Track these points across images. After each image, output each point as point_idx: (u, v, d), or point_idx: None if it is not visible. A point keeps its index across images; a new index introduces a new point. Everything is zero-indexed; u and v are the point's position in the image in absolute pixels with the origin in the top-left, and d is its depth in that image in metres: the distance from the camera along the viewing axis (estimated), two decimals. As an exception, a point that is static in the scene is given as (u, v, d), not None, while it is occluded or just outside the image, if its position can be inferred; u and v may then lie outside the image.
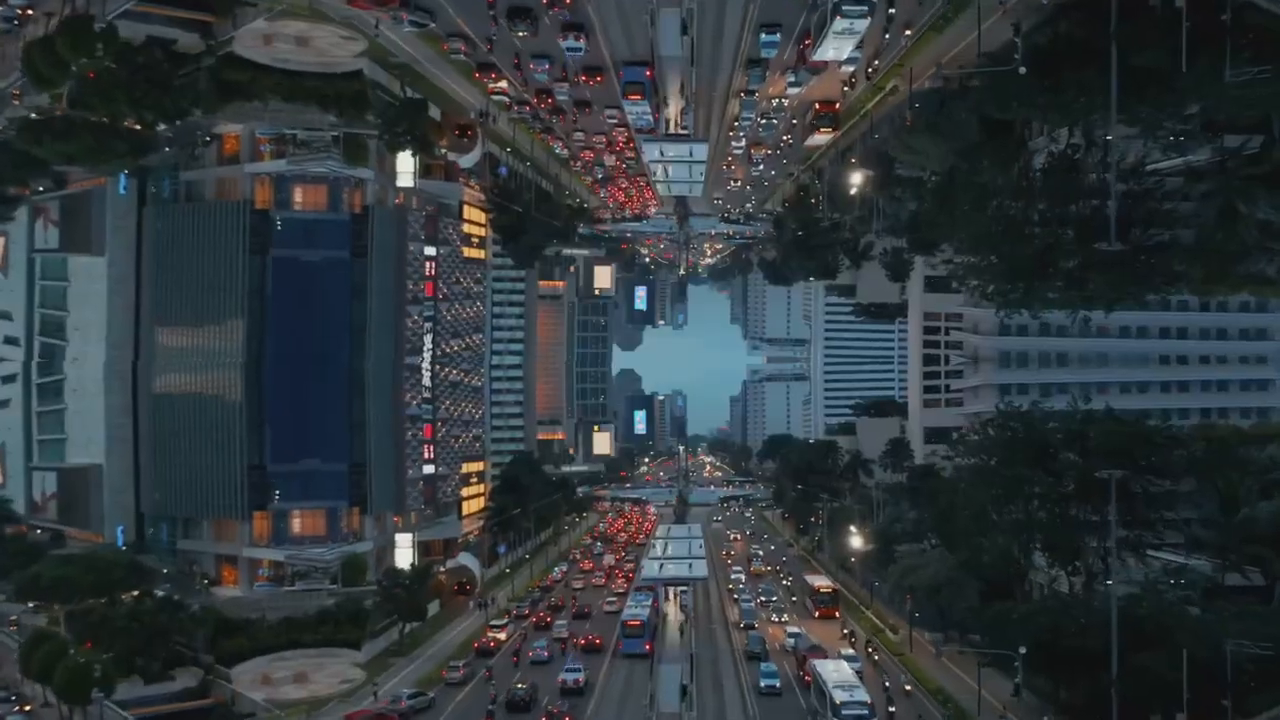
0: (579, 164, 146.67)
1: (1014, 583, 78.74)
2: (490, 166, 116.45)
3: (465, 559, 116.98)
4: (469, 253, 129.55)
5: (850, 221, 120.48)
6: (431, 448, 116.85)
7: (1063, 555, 73.65)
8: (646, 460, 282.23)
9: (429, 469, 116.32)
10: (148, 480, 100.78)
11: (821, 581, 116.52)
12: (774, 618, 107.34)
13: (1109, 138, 70.12)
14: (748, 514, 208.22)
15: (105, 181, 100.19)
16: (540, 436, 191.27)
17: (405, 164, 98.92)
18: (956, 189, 79.68)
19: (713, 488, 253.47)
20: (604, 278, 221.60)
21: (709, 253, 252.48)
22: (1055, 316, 76.23)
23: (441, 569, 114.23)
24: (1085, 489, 69.80)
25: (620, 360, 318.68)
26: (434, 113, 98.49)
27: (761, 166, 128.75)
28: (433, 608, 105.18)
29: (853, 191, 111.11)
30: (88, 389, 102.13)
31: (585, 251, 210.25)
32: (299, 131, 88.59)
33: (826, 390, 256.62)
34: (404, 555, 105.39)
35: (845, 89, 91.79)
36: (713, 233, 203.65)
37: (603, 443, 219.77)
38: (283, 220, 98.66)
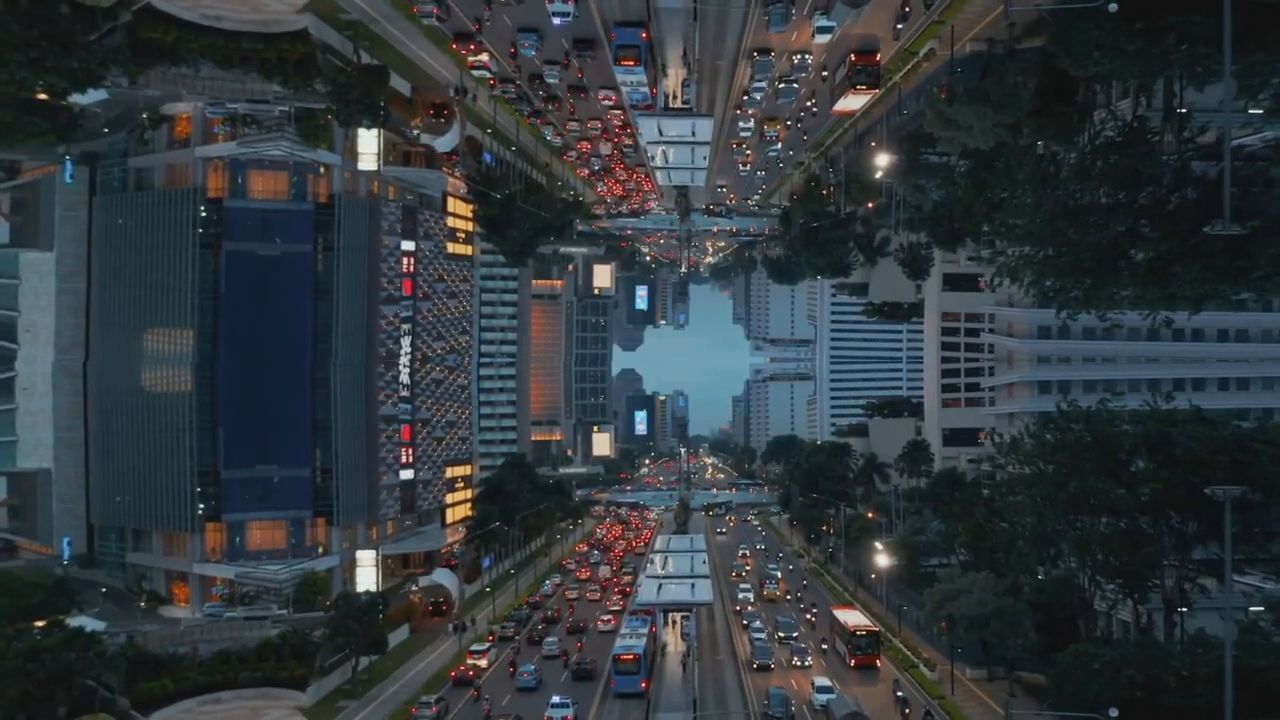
0: (574, 155, 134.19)
1: (1079, 613, 65.40)
2: (474, 153, 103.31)
3: (441, 576, 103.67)
4: (455, 249, 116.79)
5: (866, 214, 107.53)
6: (410, 451, 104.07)
7: (1138, 581, 60.48)
8: (647, 461, 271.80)
9: (407, 474, 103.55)
10: (98, 487, 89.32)
11: (857, 620, 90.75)
12: (795, 660, 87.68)
13: (1182, 110, 57.56)
14: (755, 524, 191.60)
15: (55, 170, 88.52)
16: (535, 438, 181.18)
17: (368, 144, 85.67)
18: (1004, 170, 66.98)
19: (715, 491, 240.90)
20: (603, 277, 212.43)
21: (711, 250, 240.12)
22: (1129, 318, 62.37)
23: (414, 588, 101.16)
24: (1167, 503, 56.90)
25: (621, 360, 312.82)
26: (402, 87, 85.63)
27: (778, 146, 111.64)
28: (400, 633, 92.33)
29: (871, 180, 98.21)
30: (38, 387, 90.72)
31: (584, 250, 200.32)
32: (240, 106, 75.61)
33: (832, 391, 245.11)
34: (366, 575, 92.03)
35: (897, 26, 71.78)
36: (715, 229, 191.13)
37: (602, 444, 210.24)
38: (238, 210, 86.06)
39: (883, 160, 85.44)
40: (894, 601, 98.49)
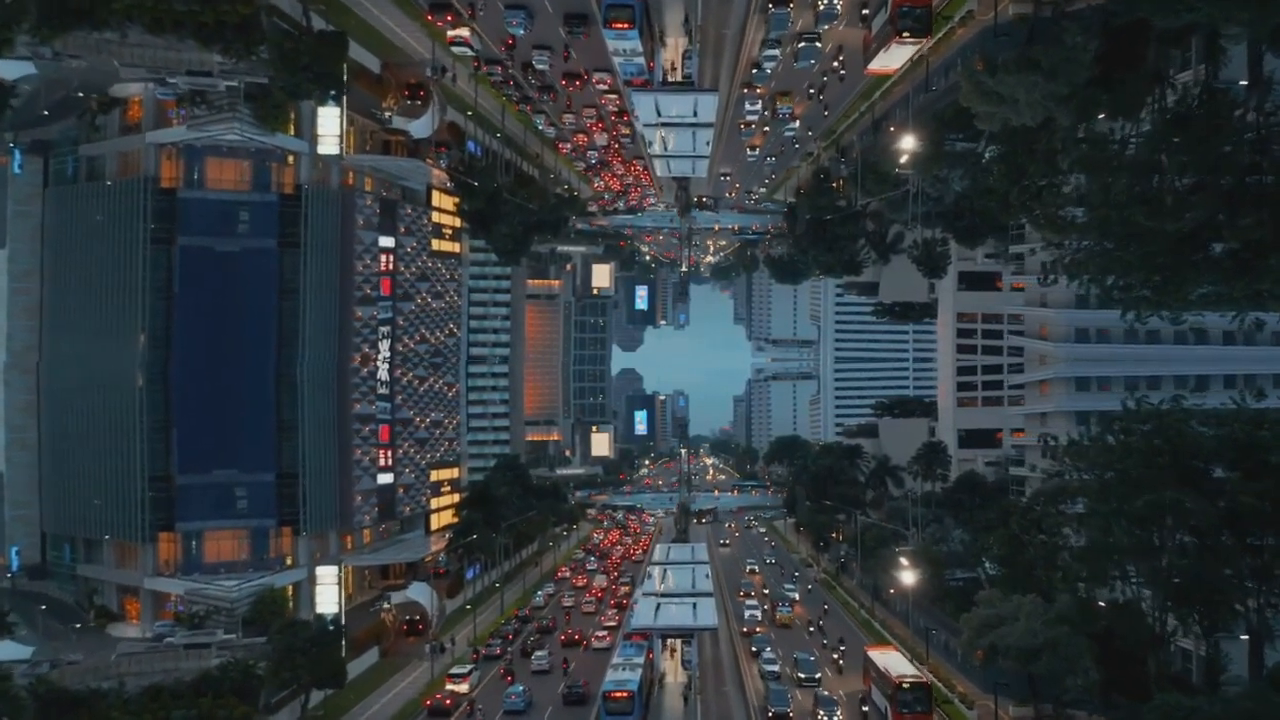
0: (569, 147, 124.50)
1: (1148, 647, 55.24)
2: (457, 140, 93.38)
3: (416, 591, 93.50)
4: (441, 246, 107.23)
5: (878, 209, 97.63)
6: (389, 453, 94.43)
7: (1219, 609, 50.48)
8: (647, 462, 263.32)
9: (385, 478, 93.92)
10: (50, 493, 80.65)
11: (901, 666, 71.12)
12: (821, 713, 71.95)
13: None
14: (762, 531, 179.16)
15: (5, 161, 79.50)
16: (533, 438, 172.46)
17: (329, 124, 75.76)
18: (1044, 153, 57.36)
19: (717, 493, 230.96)
20: (602, 276, 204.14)
21: (712, 249, 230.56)
22: (1211, 319, 52.34)
23: (385, 605, 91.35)
24: (1256, 518, 47.14)
25: (621, 360, 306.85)
26: (370, 63, 76.00)
27: (795, 125, 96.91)
28: (367, 658, 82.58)
29: (888, 170, 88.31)
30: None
31: (582, 249, 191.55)
32: (180, 80, 66.02)
33: (837, 391, 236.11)
34: (326, 594, 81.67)
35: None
36: (716, 227, 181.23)
37: (601, 444, 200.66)
38: (193, 202, 76.63)
39: (907, 143, 74.93)
40: (915, 618, 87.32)
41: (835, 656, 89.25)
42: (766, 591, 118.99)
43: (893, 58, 67.69)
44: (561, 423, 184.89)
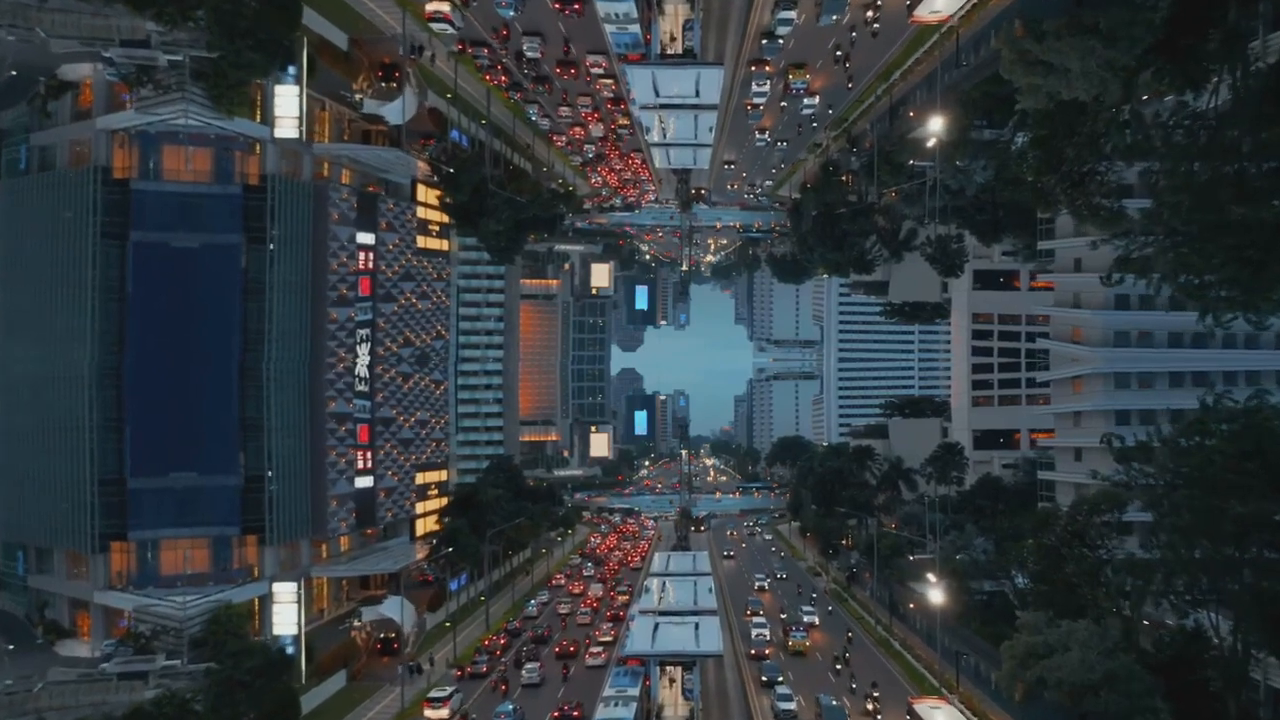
0: (564, 140, 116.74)
1: (1229, 686, 47.26)
2: (440, 128, 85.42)
3: (389, 607, 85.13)
4: (427, 243, 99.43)
5: (890, 204, 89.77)
6: (369, 454, 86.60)
7: None
8: (646, 463, 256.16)
9: (364, 481, 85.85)
10: (1, 497, 72.95)
11: None
12: None
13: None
14: (768, 539, 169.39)
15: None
16: (529, 438, 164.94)
17: (285, 105, 67.58)
18: (1089, 134, 49.61)
19: (718, 495, 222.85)
20: (602, 276, 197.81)
21: (712, 248, 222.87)
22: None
23: (355, 623, 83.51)
24: None
25: (621, 360, 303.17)
26: (337, 38, 68.12)
27: (814, 102, 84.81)
28: (333, 683, 74.74)
29: (905, 160, 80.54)
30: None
31: (580, 248, 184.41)
32: (115, 54, 58.08)
33: (840, 391, 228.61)
34: (284, 614, 73.23)
35: None
36: (719, 225, 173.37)
37: (600, 444, 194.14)
38: (148, 194, 68.72)
39: (932, 127, 66.63)
40: (940, 637, 78.47)
41: (870, 705, 72.26)
42: (783, 615, 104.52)
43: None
44: (559, 423, 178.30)
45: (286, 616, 72.41)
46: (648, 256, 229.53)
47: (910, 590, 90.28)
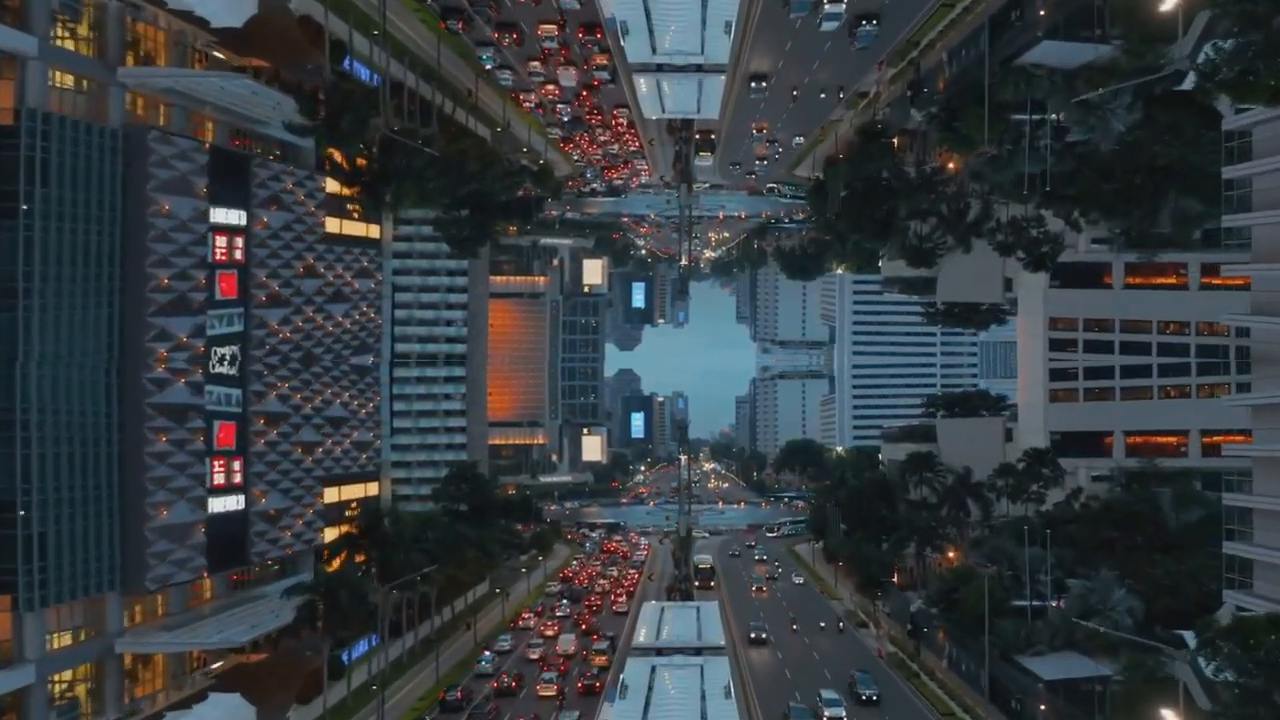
0: (534, 101, 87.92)
1: None
2: (331, 56, 56.03)
3: (208, 711, 51.33)
4: (345, 228, 70.88)
5: (977, 164, 60.69)
6: (236, 463, 57.16)
7: None
8: (643, 468, 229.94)
9: (230, 501, 56.42)
10: None
11: None
12: None
13: None
14: (799, 581, 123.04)
15: None
16: (508, 440, 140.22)
17: None
18: None
19: (721, 505, 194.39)
20: (594, 273, 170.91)
21: (713, 242, 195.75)
22: None
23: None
24: None
25: (618, 360, 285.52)
26: None
27: (870, 25, 55.63)
28: None
29: (1006, 98, 51.58)
30: None
31: (569, 242, 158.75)
32: None
33: (854, 392, 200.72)
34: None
35: None
36: (721, 215, 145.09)
37: (592, 448, 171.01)
38: None
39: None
40: None
41: None
42: None
43: None
44: (548, 425, 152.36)
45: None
46: (644, 252, 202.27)
47: (1021, 674, 60.47)
